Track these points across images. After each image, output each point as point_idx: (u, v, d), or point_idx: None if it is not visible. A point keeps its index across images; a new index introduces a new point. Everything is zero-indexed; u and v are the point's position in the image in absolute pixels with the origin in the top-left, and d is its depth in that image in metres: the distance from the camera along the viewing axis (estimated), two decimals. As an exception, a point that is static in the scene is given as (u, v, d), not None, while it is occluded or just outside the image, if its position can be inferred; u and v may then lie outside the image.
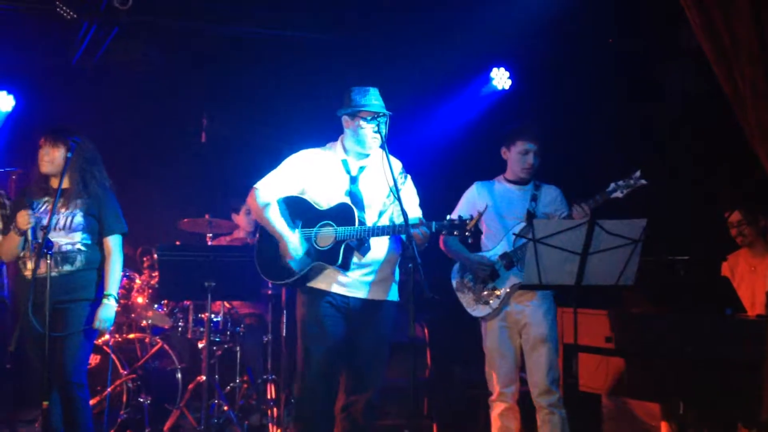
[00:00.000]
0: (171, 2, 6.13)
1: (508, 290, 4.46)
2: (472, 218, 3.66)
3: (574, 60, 6.70)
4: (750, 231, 5.10)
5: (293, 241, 3.91)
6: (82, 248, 4.43)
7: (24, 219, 4.29)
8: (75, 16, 5.56)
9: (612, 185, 4.32)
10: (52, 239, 4.33)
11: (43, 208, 4.44)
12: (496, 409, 4.55)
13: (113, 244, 4.52)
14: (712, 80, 3.46)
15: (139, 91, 6.85)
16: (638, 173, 4.27)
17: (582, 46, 6.67)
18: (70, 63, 6.56)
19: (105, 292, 4.44)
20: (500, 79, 7.31)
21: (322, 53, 6.77)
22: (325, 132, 4.26)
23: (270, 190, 4.01)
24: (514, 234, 4.48)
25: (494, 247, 4.54)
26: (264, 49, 6.71)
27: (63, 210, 4.41)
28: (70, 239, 4.40)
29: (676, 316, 4.49)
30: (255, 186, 4.04)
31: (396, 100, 4.14)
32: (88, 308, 4.41)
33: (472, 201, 4.63)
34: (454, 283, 4.67)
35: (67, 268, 4.38)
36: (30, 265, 4.32)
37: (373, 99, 3.96)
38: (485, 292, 4.53)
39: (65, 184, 4.44)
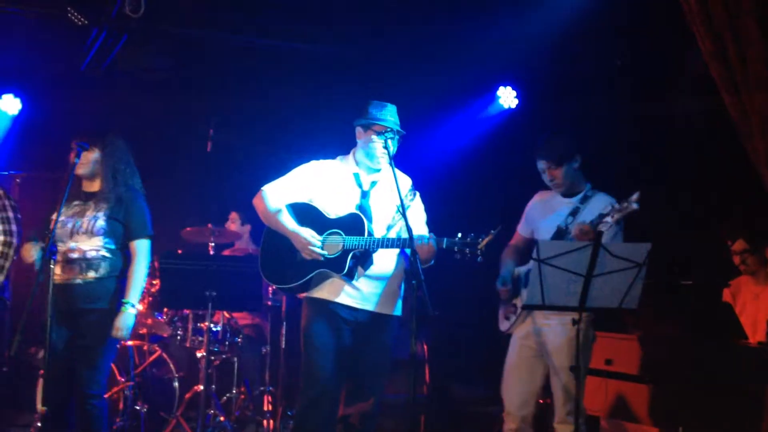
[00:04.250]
0: (181, 11, 6.14)
1: (520, 309, 4.36)
2: (484, 238, 3.63)
3: (580, 79, 6.72)
4: (753, 260, 5.10)
5: (306, 232, 3.89)
6: (107, 254, 4.34)
7: (27, 253, 4.27)
8: (86, 22, 5.58)
9: (608, 208, 4.18)
10: (77, 244, 4.29)
11: (71, 212, 4.37)
12: (505, 425, 4.42)
13: (139, 248, 4.40)
14: (719, 103, 3.47)
15: (147, 99, 6.86)
16: (635, 196, 4.03)
17: (588, 66, 6.68)
18: (78, 69, 6.58)
19: (124, 300, 4.32)
20: (507, 97, 7.32)
21: (331, 67, 6.79)
22: (333, 145, 4.27)
23: (277, 194, 4.00)
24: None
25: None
26: (273, 60, 6.73)
27: (88, 213, 4.35)
28: (92, 244, 4.31)
29: (677, 341, 4.49)
30: (263, 188, 4.04)
31: (403, 116, 4.14)
32: (110, 317, 4.30)
33: (528, 211, 4.52)
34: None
35: (91, 274, 4.30)
36: (58, 270, 4.22)
37: (388, 115, 3.98)
38: (509, 308, 4.46)
39: (95, 187, 4.41)
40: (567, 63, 6.66)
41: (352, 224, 3.88)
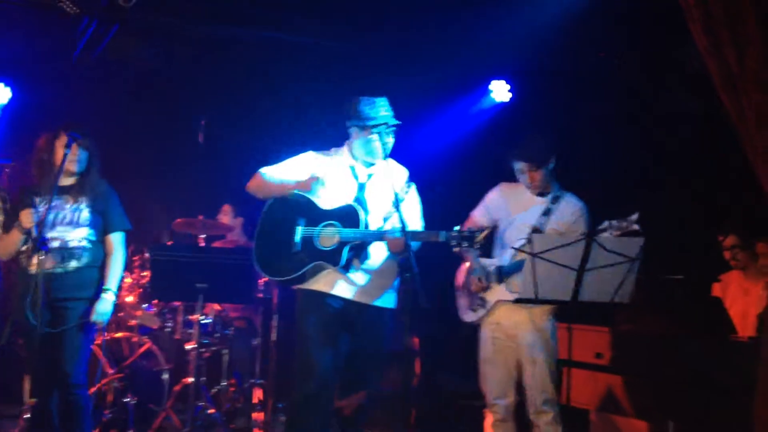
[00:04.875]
0: (174, 1, 6.11)
1: (493, 303, 4.43)
2: (482, 231, 3.63)
3: (574, 73, 6.72)
4: (744, 255, 5.13)
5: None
6: (87, 245, 4.41)
7: (28, 218, 4.25)
8: (78, 11, 5.54)
9: (605, 223, 4.14)
10: (59, 234, 4.32)
11: (46, 204, 4.38)
12: (488, 419, 4.50)
13: (117, 241, 4.53)
14: (715, 100, 3.47)
15: (138, 90, 6.82)
16: (635, 216, 4.11)
17: (582, 60, 6.68)
18: (69, 58, 6.53)
19: (104, 287, 4.43)
20: (500, 91, 7.32)
21: (325, 60, 6.77)
22: (326, 137, 4.26)
23: (276, 171, 4.01)
24: (514, 248, 4.42)
25: (499, 256, 4.49)
26: (266, 52, 6.71)
27: (68, 205, 4.39)
28: (76, 234, 4.38)
29: (667, 336, 4.51)
30: (259, 171, 4.02)
31: (398, 110, 4.13)
32: (88, 306, 4.39)
33: (491, 202, 4.56)
34: (458, 282, 4.60)
35: (73, 264, 4.36)
36: (35, 260, 4.23)
37: (381, 110, 3.96)
38: (476, 300, 4.50)
39: (70, 180, 4.45)
40: (561, 57, 6.66)
41: (348, 216, 3.86)
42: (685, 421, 4.29)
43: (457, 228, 3.69)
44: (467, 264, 4.53)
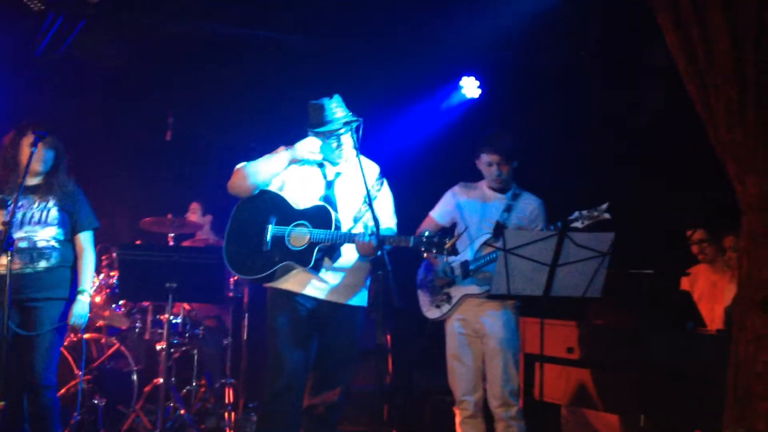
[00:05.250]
0: (140, -3, 6.04)
1: (459, 298, 4.45)
2: (451, 238, 3.64)
3: (544, 69, 6.76)
4: (711, 249, 5.19)
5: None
6: (56, 245, 4.36)
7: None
8: (43, 7, 5.44)
9: (576, 213, 4.24)
10: (27, 234, 4.27)
11: (19, 202, 4.32)
12: (458, 417, 4.53)
13: (86, 240, 4.49)
14: (683, 96, 3.50)
15: (105, 86, 6.74)
16: (605, 206, 4.20)
17: (552, 56, 6.72)
18: (33, 55, 6.42)
19: (79, 288, 4.41)
20: (470, 87, 7.34)
21: (294, 56, 6.73)
22: (295, 134, 4.21)
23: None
24: (482, 243, 4.47)
25: (461, 252, 4.51)
26: (234, 48, 6.64)
27: (35, 204, 4.35)
28: (44, 234, 4.33)
29: (637, 329, 4.55)
30: (237, 166, 3.97)
31: (367, 106, 4.11)
32: (62, 306, 4.35)
33: (450, 201, 4.60)
34: (419, 279, 4.65)
35: (42, 264, 4.31)
36: (3, 260, 4.16)
37: (336, 111, 3.89)
38: (440, 296, 4.52)
39: (36, 180, 4.40)
40: (531, 53, 6.69)
41: (319, 216, 3.84)
42: (656, 414, 4.33)
43: (426, 233, 3.70)
44: (430, 260, 4.55)
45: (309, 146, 3.93)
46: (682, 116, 4.03)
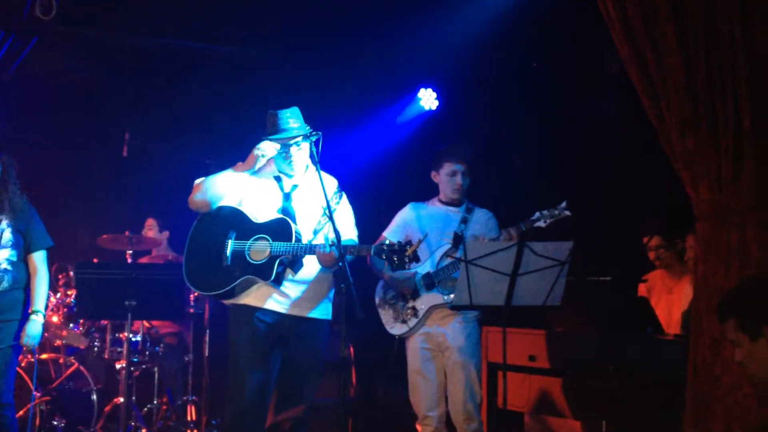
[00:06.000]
0: (93, 13, 5.96)
1: (426, 310, 4.46)
2: (411, 245, 3.65)
3: (500, 81, 6.83)
4: (667, 255, 5.27)
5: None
6: (8, 267, 4.31)
7: None
8: (-7, 26, 5.36)
9: (537, 214, 4.39)
10: None
11: None
12: None
13: (39, 260, 4.45)
14: (636, 105, 3.56)
15: (59, 103, 6.64)
16: (564, 204, 4.34)
17: (507, 69, 6.80)
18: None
19: (33, 308, 4.36)
20: (427, 99, 7.38)
21: (250, 69, 6.71)
22: (251, 148, 4.20)
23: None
24: (443, 255, 4.49)
25: (418, 265, 4.52)
26: (190, 63, 6.61)
27: None
28: None
29: (597, 336, 4.60)
30: (198, 180, 3.96)
31: (325, 118, 4.12)
32: (16, 327, 4.31)
33: (403, 220, 4.64)
34: (377, 299, 4.65)
35: None
36: None
37: (290, 122, 3.86)
38: (405, 311, 4.53)
39: None
40: (487, 64, 6.76)
41: (279, 229, 3.82)
42: (617, 420, 4.38)
43: (387, 241, 3.72)
44: (387, 277, 4.55)
45: (266, 145, 3.92)
46: (638, 123, 4.10)
